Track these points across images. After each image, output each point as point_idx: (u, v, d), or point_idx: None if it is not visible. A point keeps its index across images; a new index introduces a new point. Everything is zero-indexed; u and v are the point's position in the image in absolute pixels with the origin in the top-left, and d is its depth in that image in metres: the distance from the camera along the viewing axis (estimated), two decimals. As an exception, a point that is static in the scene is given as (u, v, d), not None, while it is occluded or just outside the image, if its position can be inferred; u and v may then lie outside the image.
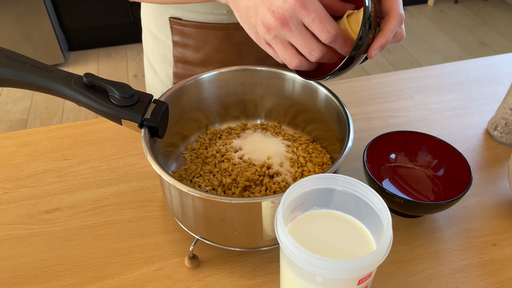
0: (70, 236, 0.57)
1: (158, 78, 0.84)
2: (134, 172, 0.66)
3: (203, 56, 0.75)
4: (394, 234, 0.57)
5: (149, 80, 0.87)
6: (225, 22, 0.72)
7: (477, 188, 0.63)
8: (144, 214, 0.60)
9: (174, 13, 0.73)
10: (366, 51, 0.47)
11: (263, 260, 0.54)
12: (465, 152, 0.69)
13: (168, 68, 0.80)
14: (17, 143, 0.71)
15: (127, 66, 2.51)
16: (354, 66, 0.49)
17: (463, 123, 0.75)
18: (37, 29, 2.30)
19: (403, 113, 0.77)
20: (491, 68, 0.89)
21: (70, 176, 0.65)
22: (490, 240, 0.57)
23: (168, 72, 0.81)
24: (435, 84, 0.84)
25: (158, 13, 0.75)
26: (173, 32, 0.75)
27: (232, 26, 0.72)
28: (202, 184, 0.56)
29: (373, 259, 0.35)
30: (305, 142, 0.63)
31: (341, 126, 0.55)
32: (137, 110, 0.50)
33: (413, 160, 0.63)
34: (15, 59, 0.49)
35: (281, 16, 0.44)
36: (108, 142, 0.71)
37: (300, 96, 0.62)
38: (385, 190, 0.54)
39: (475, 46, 2.67)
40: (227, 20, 0.72)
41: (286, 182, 0.56)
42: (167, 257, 0.55)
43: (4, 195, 0.63)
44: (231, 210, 0.47)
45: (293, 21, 0.44)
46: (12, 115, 2.17)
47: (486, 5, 3.10)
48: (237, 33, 0.73)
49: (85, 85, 0.49)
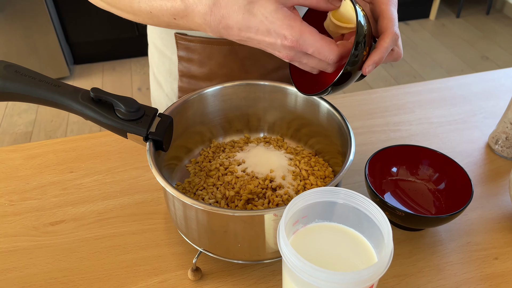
0: (75, 248, 0.58)
1: (164, 92, 0.85)
2: (138, 185, 0.67)
3: (208, 71, 0.77)
4: (396, 247, 0.57)
5: (155, 94, 0.88)
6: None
7: (478, 202, 0.64)
8: (148, 227, 0.61)
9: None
10: (361, 67, 0.48)
11: (266, 273, 0.55)
12: (466, 166, 0.69)
13: (173, 82, 0.82)
14: (23, 156, 0.72)
15: (131, 79, 2.53)
16: (351, 82, 0.50)
17: (464, 137, 0.76)
18: (43, 42, 2.33)
19: (405, 127, 0.78)
20: (492, 83, 0.90)
21: (75, 189, 0.66)
22: (492, 254, 0.57)
23: (173, 86, 0.82)
24: (436, 98, 0.85)
25: (164, 29, 0.77)
26: (178, 47, 0.76)
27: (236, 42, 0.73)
28: (206, 197, 0.57)
29: (374, 272, 0.35)
30: (308, 156, 0.64)
31: (342, 140, 0.56)
32: (143, 124, 0.51)
33: (414, 174, 0.64)
34: (24, 74, 0.51)
35: (287, 55, 0.49)
36: (113, 155, 0.72)
37: (303, 110, 0.63)
38: (386, 204, 0.55)
39: (477, 60, 2.68)
40: None
41: (288, 195, 0.56)
42: (171, 269, 0.55)
43: (10, 207, 0.63)
44: (234, 223, 0.47)
45: (298, 54, 0.48)
46: (17, 127, 2.19)
47: (487, 20, 3.13)
48: (241, 48, 0.74)
49: (92, 100, 0.51)
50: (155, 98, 0.89)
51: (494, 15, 3.18)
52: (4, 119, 2.25)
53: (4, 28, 2.24)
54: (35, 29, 2.27)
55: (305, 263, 0.36)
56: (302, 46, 0.47)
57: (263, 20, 0.46)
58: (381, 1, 0.51)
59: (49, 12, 2.25)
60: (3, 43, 2.29)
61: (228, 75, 0.76)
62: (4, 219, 0.62)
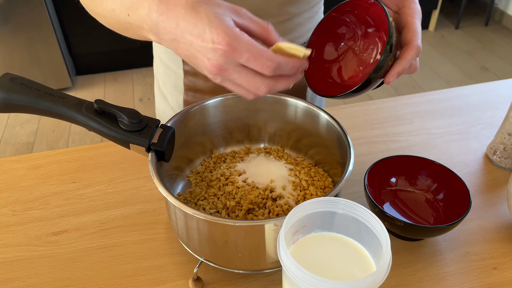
0: (77, 258, 0.58)
1: (169, 105, 0.86)
2: (140, 195, 0.67)
3: (214, 85, 0.77)
4: (396, 257, 0.58)
5: (159, 107, 0.89)
6: None
7: (477, 212, 0.64)
8: (150, 236, 0.61)
9: None
10: (383, 76, 0.49)
11: (266, 283, 0.55)
12: (465, 176, 0.70)
13: (178, 96, 0.83)
14: (26, 166, 0.73)
15: (133, 90, 2.55)
16: (370, 89, 0.50)
17: (462, 147, 0.76)
18: (46, 54, 2.35)
19: (404, 137, 0.79)
20: (490, 94, 0.91)
21: (77, 199, 0.67)
22: (491, 263, 0.57)
23: (179, 100, 0.83)
24: (435, 109, 0.86)
25: None
26: (184, 62, 0.77)
27: None
28: (207, 207, 0.57)
29: (373, 281, 0.36)
30: (308, 166, 0.64)
31: (342, 151, 0.57)
32: (145, 135, 0.51)
33: (413, 184, 0.65)
34: (30, 86, 0.52)
35: (217, 64, 0.44)
36: (115, 166, 0.73)
37: (303, 121, 0.64)
38: (386, 214, 0.55)
39: (476, 70, 2.70)
40: None
41: (288, 205, 0.57)
42: (172, 279, 0.56)
43: (14, 217, 0.64)
44: (234, 233, 0.48)
45: (230, 65, 0.44)
46: (19, 138, 2.20)
47: (486, 31, 3.15)
48: None
49: (95, 111, 0.52)
50: (159, 111, 0.90)
51: (493, 26, 3.21)
52: (6, 129, 2.26)
53: (8, 39, 2.26)
54: (38, 41, 2.30)
55: (305, 272, 0.36)
56: (236, 51, 0.43)
57: (203, 18, 0.43)
58: (407, 13, 0.52)
59: (52, 24, 2.28)
60: (6, 54, 2.31)
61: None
62: (7, 229, 0.62)
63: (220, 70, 0.44)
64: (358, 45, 0.56)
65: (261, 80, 0.45)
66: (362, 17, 0.54)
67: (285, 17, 0.73)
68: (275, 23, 0.73)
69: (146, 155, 0.53)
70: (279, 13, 0.71)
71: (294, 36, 0.76)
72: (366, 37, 0.55)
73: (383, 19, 0.51)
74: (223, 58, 0.43)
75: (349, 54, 0.56)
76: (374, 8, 0.51)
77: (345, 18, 0.55)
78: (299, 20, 0.75)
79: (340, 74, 0.56)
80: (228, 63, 0.44)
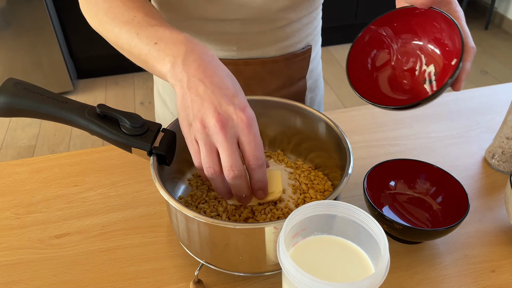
0: (79, 261, 0.59)
1: (168, 110, 0.86)
2: (142, 198, 0.68)
3: None
4: (395, 260, 0.58)
5: (159, 112, 0.90)
6: (234, 58, 0.75)
7: (476, 215, 0.65)
8: (151, 239, 0.62)
9: None
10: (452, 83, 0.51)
11: (267, 285, 0.56)
12: (463, 180, 0.70)
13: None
14: (29, 170, 0.73)
15: (134, 93, 2.56)
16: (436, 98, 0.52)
17: (461, 151, 0.77)
18: (48, 57, 2.36)
19: (403, 141, 0.80)
20: (489, 98, 0.91)
21: (79, 202, 0.68)
22: (489, 266, 0.58)
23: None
24: (434, 113, 0.87)
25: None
26: None
27: (241, 62, 0.75)
28: (207, 210, 0.58)
29: (371, 283, 0.37)
30: (307, 170, 0.65)
31: (341, 154, 0.57)
32: (147, 139, 0.52)
33: (412, 188, 0.65)
34: (33, 91, 0.53)
35: (224, 121, 0.45)
36: (116, 169, 0.73)
37: (303, 125, 0.65)
38: (385, 217, 0.56)
39: (476, 74, 2.71)
40: (237, 56, 0.75)
41: (289, 208, 0.57)
42: (173, 282, 0.56)
43: (16, 220, 0.65)
44: (235, 236, 0.49)
45: (232, 131, 0.46)
46: (20, 141, 2.21)
47: (486, 35, 3.16)
48: (246, 68, 0.76)
49: (98, 115, 0.52)
50: (159, 115, 0.90)
51: (493, 30, 3.22)
52: (8, 133, 2.27)
53: (10, 43, 2.28)
54: (40, 45, 2.31)
55: (304, 274, 0.37)
56: (249, 126, 0.46)
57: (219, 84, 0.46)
58: (455, 16, 0.53)
59: (54, 27, 2.29)
60: (8, 58, 2.32)
61: None
62: (10, 232, 0.63)
63: (221, 127, 0.45)
64: (399, 57, 0.57)
65: (240, 163, 0.47)
66: (408, 27, 0.56)
67: (283, 23, 0.73)
68: (273, 28, 0.73)
69: (148, 159, 0.53)
70: (278, 18, 0.72)
71: (292, 41, 0.77)
72: (407, 48, 0.57)
73: (446, 28, 0.52)
74: (234, 123, 0.46)
75: (392, 67, 0.58)
76: (433, 17, 0.53)
77: (385, 31, 0.57)
78: (298, 25, 0.76)
79: (387, 85, 0.58)
80: (233, 129, 0.46)
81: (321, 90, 0.94)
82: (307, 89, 0.86)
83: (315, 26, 0.82)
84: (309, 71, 0.85)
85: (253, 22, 0.71)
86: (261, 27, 0.72)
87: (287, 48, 0.78)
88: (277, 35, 0.75)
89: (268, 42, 0.75)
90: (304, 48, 0.80)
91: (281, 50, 0.77)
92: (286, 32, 0.75)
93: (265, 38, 0.74)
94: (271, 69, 0.78)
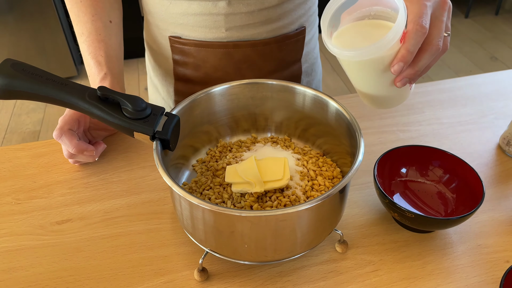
0: (81, 248, 0.58)
1: (160, 95, 0.85)
2: (145, 184, 0.66)
3: (203, 75, 0.76)
4: (405, 249, 0.57)
5: (152, 97, 0.89)
6: (223, 41, 0.73)
7: (489, 204, 0.63)
8: (154, 226, 0.60)
9: (174, 31, 0.74)
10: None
11: (273, 274, 0.54)
12: (477, 167, 0.68)
13: (169, 86, 0.81)
14: (30, 155, 0.72)
15: (138, 79, 2.54)
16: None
17: (474, 138, 0.75)
18: (51, 43, 2.34)
19: (414, 127, 0.77)
20: (503, 83, 0.88)
21: (81, 188, 0.66)
22: (503, 256, 0.56)
23: (169, 90, 0.82)
24: (446, 98, 0.84)
25: (159, 32, 0.76)
26: (173, 51, 0.76)
27: (231, 44, 0.73)
28: (212, 197, 0.56)
29: (396, 31, 0.45)
30: (315, 156, 0.63)
31: (351, 140, 0.55)
32: (149, 123, 0.50)
33: (424, 175, 0.63)
34: (31, 72, 0.51)
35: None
36: (119, 154, 0.71)
37: (311, 109, 0.62)
38: (396, 205, 0.54)
39: (486, 60, 2.66)
40: (226, 38, 0.73)
41: (296, 196, 0.56)
42: (177, 269, 0.55)
43: (17, 205, 0.63)
44: (241, 223, 0.47)
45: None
46: (25, 126, 2.20)
47: (497, 20, 3.10)
48: (236, 51, 0.73)
49: (98, 98, 0.50)
50: (152, 101, 0.89)
51: (503, 16, 3.15)
52: (12, 118, 2.26)
53: (14, 28, 2.26)
54: (43, 30, 2.29)
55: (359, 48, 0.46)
56: (61, 140, 0.62)
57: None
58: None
59: (58, 12, 2.27)
60: (12, 43, 2.31)
61: (224, 78, 0.76)
62: (10, 218, 0.62)
63: (57, 137, 0.63)
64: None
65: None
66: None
67: (273, 3, 0.71)
68: (262, 8, 0.71)
69: (151, 143, 0.51)
70: None
71: (284, 22, 0.74)
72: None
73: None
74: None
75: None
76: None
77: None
78: (289, 6, 0.73)
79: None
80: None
81: (318, 74, 0.91)
82: (302, 73, 0.84)
83: (309, 6, 0.79)
84: (304, 54, 0.82)
85: (240, 1, 0.69)
86: (249, 7, 0.70)
87: (279, 30, 0.75)
88: (267, 16, 0.72)
89: (258, 23, 0.72)
90: (297, 30, 0.78)
91: (273, 32, 0.74)
92: (277, 12, 0.72)
93: (255, 19, 0.72)
94: (263, 52, 0.75)
